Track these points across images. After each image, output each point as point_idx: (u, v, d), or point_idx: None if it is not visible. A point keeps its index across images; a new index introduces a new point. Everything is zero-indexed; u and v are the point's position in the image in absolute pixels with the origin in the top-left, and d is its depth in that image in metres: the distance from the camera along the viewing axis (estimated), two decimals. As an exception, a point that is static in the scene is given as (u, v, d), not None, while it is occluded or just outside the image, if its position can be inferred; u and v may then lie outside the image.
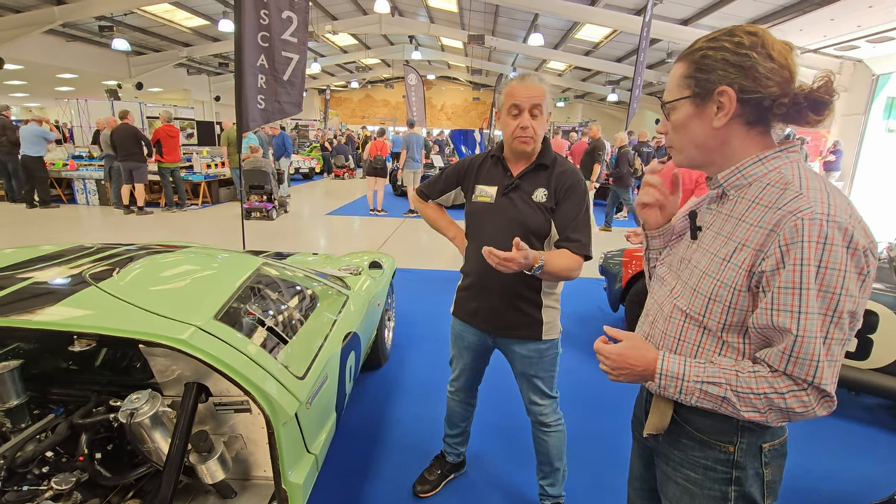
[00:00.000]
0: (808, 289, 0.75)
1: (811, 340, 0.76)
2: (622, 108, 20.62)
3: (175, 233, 7.05)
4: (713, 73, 0.84)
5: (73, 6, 10.46)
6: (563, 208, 1.58)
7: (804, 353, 0.77)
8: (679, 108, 0.90)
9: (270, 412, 1.34)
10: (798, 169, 0.84)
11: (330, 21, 14.36)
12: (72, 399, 1.53)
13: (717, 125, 0.86)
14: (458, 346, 1.87)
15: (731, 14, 9.02)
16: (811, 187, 0.79)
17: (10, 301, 1.29)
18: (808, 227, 0.75)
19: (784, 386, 0.79)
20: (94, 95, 14.06)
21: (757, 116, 0.85)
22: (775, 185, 0.83)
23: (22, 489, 1.22)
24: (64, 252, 1.79)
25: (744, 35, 0.82)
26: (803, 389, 0.78)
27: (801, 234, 0.75)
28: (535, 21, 12.25)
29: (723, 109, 0.85)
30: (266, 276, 1.92)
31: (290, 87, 4.97)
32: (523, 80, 1.52)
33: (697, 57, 0.86)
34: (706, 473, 0.94)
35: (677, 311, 0.95)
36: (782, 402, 0.79)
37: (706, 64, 0.85)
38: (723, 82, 0.83)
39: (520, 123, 1.52)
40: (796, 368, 0.78)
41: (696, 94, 0.87)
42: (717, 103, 0.85)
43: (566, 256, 1.52)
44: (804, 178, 0.82)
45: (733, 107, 0.84)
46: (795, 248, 0.76)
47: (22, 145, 8.22)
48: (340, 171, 15.30)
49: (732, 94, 0.83)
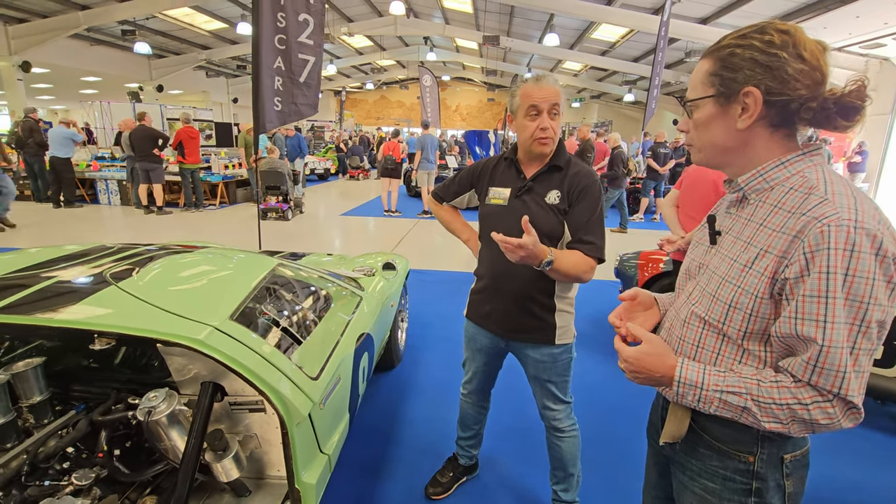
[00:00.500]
0: (834, 297, 0.73)
1: (837, 351, 0.73)
2: (639, 108, 20.38)
3: (193, 233, 7.17)
4: (740, 73, 0.81)
5: (98, 11, 10.75)
6: (576, 210, 1.56)
7: (830, 364, 0.74)
8: (702, 106, 0.87)
9: (284, 412, 1.35)
10: (822, 172, 0.81)
11: (346, 23, 14.48)
12: (92, 396, 1.56)
13: (741, 127, 0.84)
14: (471, 348, 1.87)
15: (752, 12, 8.85)
16: (837, 192, 0.77)
17: (35, 300, 1.32)
18: (835, 234, 0.72)
19: (808, 397, 0.76)
20: (117, 98, 14.42)
21: (782, 119, 0.82)
22: (798, 189, 0.80)
23: (44, 484, 1.25)
24: (86, 252, 1.83)
25: (775, 33, 0.79)
26: (828, 401, 0.76)
27: (828, 241, 0.73)
28: (550, 21, 12.19)
29: (747, 111, 0.82)
30: (281, 276, 1.94)
31: (306, 88, 5.02)
32: (539, 81, 1.50)
33: (725, 54, 0.83)
34: (725, 484, 0.92)
35: (695, 317, 0.93)
36: (806, 414, 0.77)
37: (733, 62, 0.81)
38: (749, 83, 0.80)
39: (539, 125, 1.51)
40: (822, 379, 0.75)
41: (721, 93, 0.84)
42: (741, 104, 0.82)
43: (577, 257, 1.51)
44: (829, 182, 0.79)
45: (758, 109, 0.81)
46: (821, 256, 0.73)
47: (51, 146, 8.46)
48: (355, 171, 15.41)
49: (758, 96, 0.80)
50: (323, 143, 18.83)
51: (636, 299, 1.08)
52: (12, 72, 10.89)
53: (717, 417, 0.87)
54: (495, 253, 1.66)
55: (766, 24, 0.81)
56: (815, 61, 0.78)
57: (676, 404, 0.94)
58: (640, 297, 1.09)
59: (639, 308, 1.09)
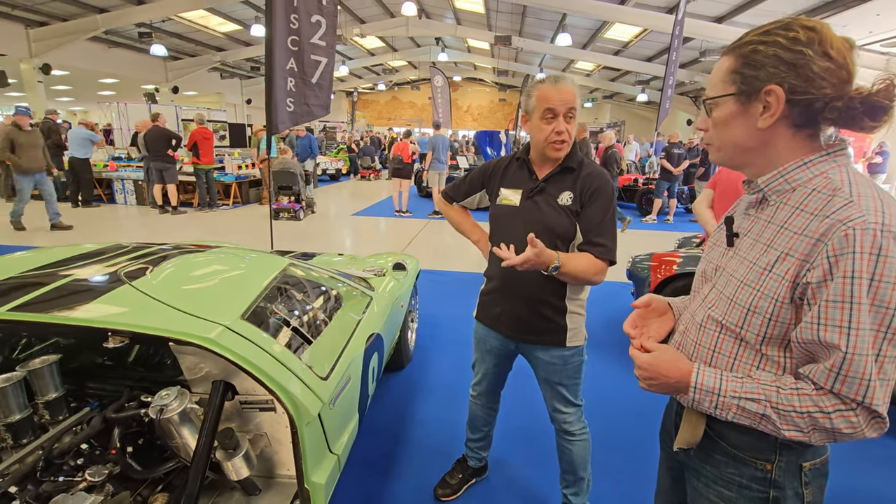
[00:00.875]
0: (859, 303, 0.70)
1: (862, 358, 0.71)
2: (652, 108, 20.17)
3: (207, 232, 7.26)
4: (762, 70, 0.78)
5: (115, 14, 10.96)
6: (588, 211, 1.54)
7: (854, 372, 0.72)
8: (722, 105, 0.85)
9: (294, 412, 1.35)
10: (847, 174, 0.78)
11: (358, 24, 14.56)
12: (106, 393, 1.58)
13: (762, 126, 0.81)
14: (481, 349, 1.85)
15: (769, 10, 8.71)
16: (862, 194, 0.74)
17: (50, 298, 1.34)
18: (861, 238, 0.70)
19: (830, 405, 0.74)
20: (134, 99, 14.68)
21: (806, 119, 0.79)
22: (822, 190, 0.78)
23: (58, 480, 1.27)
24: (102, 250, 1.86)
25: (801, 30, 0.76)
26: (852, 409, 0.73)
27: (853, 245, 0.70)
28: (562, 21, 12.13)
29: (769, 110, 0.79)
30: (292, 276, 1.95)
31: (318, 89, 5.05)
32: (557, 82, 1.48)
33: (747, 51, 0.80)
34: (741, 492, 0.89)
35: (711, 321, 0.90)
36: (828, 423, 0.74)
37: (756, 59, 0.79)
38: (772, 81, 0.77)
39: (555, 128, 1.49)
40: (844, 387, 0.73)
41: (742, 91, 0.81)
42: (763, 103, 0.80)
43: (587, 259, 1.49)
44: (854, 183, 0.76)
45: (781, 108, 0.78)
46: (846, 260, 0.71)
47: (70, 147, 8.63)
48: (366, 172, 15.48)
49: (781, 95, 0.77)
50: (335, 143, 18.96)
51: (650, 306, 1.06)
52: (33, 74, 11.15)
53: (733, 424, 0.85)
54: None
55: (791, 21, 0.78)
56: (841, 59, 0.75)
57: (691, 410, 0.92)
58: (655, 304, 1.07)
59: (653, 314, 1.07)
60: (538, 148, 1.58)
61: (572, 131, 1.52)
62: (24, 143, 6.48)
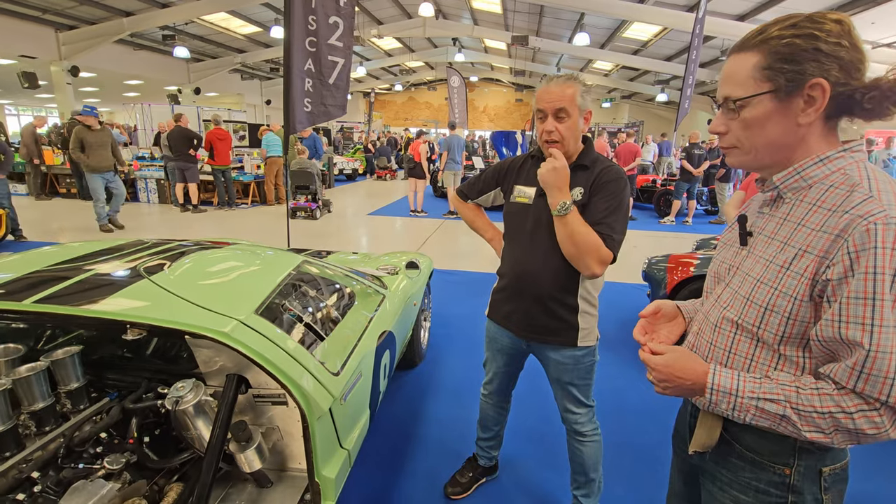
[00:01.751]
0: (882, 299, 0.69)
1: (886, 356, 0.69)
2: (671, 108, 19.86)
3: (226, 230, 7.39)
4: (805, 64, 0.75)
5: (140, 17, 11.24)
6: (594, 201, 1.52)
7: (878, 370, 0.70)
8: (756, 104, 0.80)
9: (305, 406, 1.37)
10: (865, 169, 0.77)
11: (376, 25, 14.66)
12: (125, 385, 1.63)
13: (804, 122, 0.79)
14: (492, 348, 1.85)
15: (792, 8, 8.45)
16: (882, 189, 0.73)
17: (73, 291, 1.39)
18: (882, 233, 0.69)
19: (853, 405, 0.72)
20: (157, 100, 15.02)
21: (838, 111, 0.78)
22: (840, 186, 0.76)
23: (78, 466, 1.31)
24: (124, 246, 1.91)
25: (830, 22, 0.75)
26: (875, 409, 0.71)
27: (875, 240, 0.69)
28: (580, 20, 12.02)
29: (813, 104, 0.77)
30: (306, 273, 1.98)
31: (335, 90, 5.11)
32: (549, 83, 1.51)
33: (780, 46, 0.77)
34: (758, 497, 0.87)
35: (727, 321, 0.89)
36: (850, 423, 0.72)
37: (794, 54, 0.76)
38: (816, 74, 0.75)
39: (545, 127, 1.52)
40: (868, 386, 0.71)
41: (782, 87, 0.78)
42: (805, 98, 0.77)
43: (593, 235, 1.45)
44: (873, 178, 0.75)
45: (825, 101, 0.76)
46: (867, 255, 0.69)
47: None
48: (383, 172, 15.57)
49: (827, 88, 0.75)
50: (352, 143, 19.13)
51: (658, 313, 1.05)
52: (62, 76, 11.50)
53: (750, 427, 0.83)
54: (518, 252, 1.65)
55: (815, 14, 0.77)
56: (864, 50, 0.76)
57: (707, 412, 0.90)
58: (663, 310, 1.06)
59: (662, 320, 1.06)
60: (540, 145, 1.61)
61: (564, 130, 1.50)
62: (94, 142, 6.59)
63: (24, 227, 6.51)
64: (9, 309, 1.30)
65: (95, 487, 1.20)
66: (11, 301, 1.30)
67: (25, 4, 9.96)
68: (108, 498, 1.19)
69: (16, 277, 1.46)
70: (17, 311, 1.30)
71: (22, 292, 1.34)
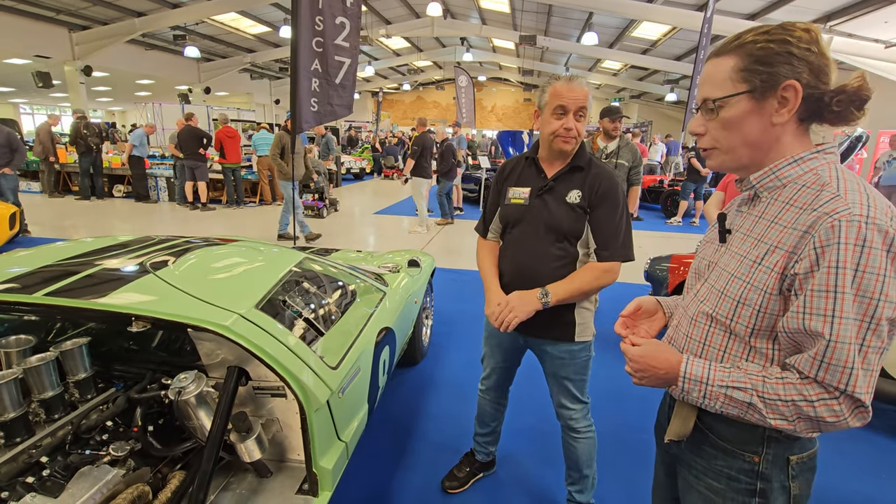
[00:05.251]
0: (843, 293, 0.72)
1: (845, 346, 0.73)
2: (681, 108, 19.71)
3: (234, 228, 7.48)
4: (779, 67, 0.80)
5: (152, 17, 11.40)
6: (598, 214, 1.58)
7: (837, 359, 0.73)
8: (733, 104, 0.84)
9: (303, 398, 1.41)
10: (835, 170, 0.81)
11: (384, 25, 14.72)
12: (131, 375, 1.68)
13: (777, 122, 0.83)
14: (490, 344, 1.88)
15: (805, 7, 8.42)
16: (850, 189, 0.76)
17: (82, 285, 1.44)
18: (846, 229, 0.72)
19: (815, 394, 0.76)
20: (168, 99, 15.20)
21: (810, 113, 0.82)
22: (811, 186, 0.80)
23: (84, 453, 1.37)
24: (132, 242, 1.97)
25: (800, 31, 0.80)
26: (835, 398, 0.75)
27: (838, 236, 0.72)
28: (589, 20, 11.98)
29: (786, 105, 0.81)
30: (307, 270, 2.02)
31: (341, 90, 5.16)
32: (570, 81, 1.51)
33: (755, 49, 0.81)
34: (729, 483, 0.91)
35: (702, 315, 0.93)
36: (812, 411, 0.76)
37: (769, 57, 0.80)
38: (789, 76, 0.80)
39: (564, 124, 1.52)
40: (828, 375, 0.74)
41: (757, 87, 0.82)
42: (778, 98, 0.81)
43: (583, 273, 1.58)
44: (842, 179, 0.79)
45: (798, 102, 0.80)
46: (831, 251, 0.73)
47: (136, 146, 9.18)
48: (390, 171, 15.63)
49: (799, 89, 0.79)
50: (360, 142, 19.23)
51: (639, 310, 1.10)
52: (75, 75, 11.69)
53: (722, 416, 0.87)
54: (517, 251, 1.67)
55: (786, 23, 0.82)
56: (829, 56, 0.80)
57: (682, 403, 0.94)
58: (644, 307, 1.10)
59: (643, 316, 1.11)
60: (546, 143, 1.60)
61: (581, 129, 1.54)
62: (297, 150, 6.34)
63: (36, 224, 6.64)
64: (21, 301, 1.36)
65: (101, 473, 1.25)
66: (23, 294, 1.36)
67: (40, 5, 10.15)
68: (112, 483, 1.24)
69: (28, 271, 1.52)
70: (29, 303, 1.36)
71: (33, 286, 1.40)
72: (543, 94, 1.57)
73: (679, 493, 1.04)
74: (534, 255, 1.62)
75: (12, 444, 1.27)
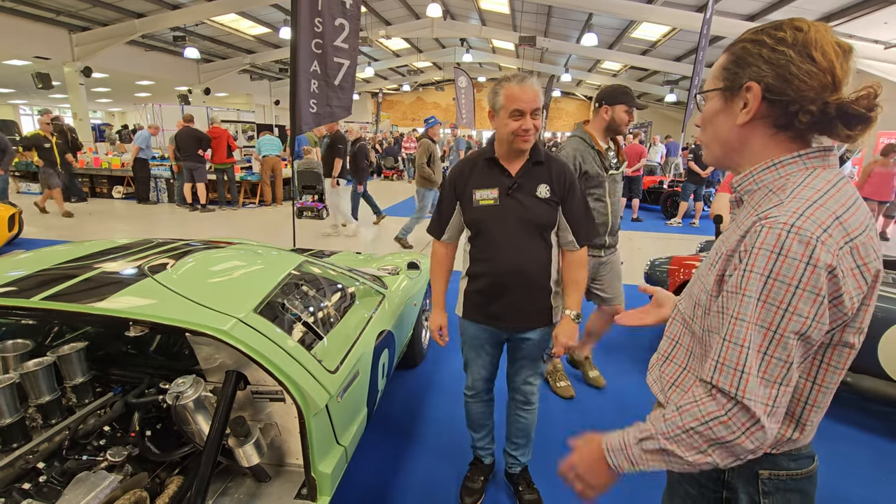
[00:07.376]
0: (744, 294, 0.71)
1: (737, 348, 0.71)
2: (681, 109, 19.71)
3: (233, 230, 7.47)
4: (747, 68, 0.79)
5: (152, 18, 11.40)
6: (569, 206, 1.69)
7: (729, 360, 0.72)
8: (711, 99, 0.86)
9: (302, 402, 1.41)
10: (808, 177, 0.76)
11: (384, 26, 14.72)
12: (128, 380, 1.68)
13: (740, 122, 0.82)
14: (473, 346, 1.88)
15: (804, 8, 8.42)
16: (798, 196, 0.73)
17: (80, 289, 1.43)
18: (766, 235, 0.70)
19: (708, 413, 0.73)
20: (168, 101, 15.19)
21: (786, 121, 0.79)
22: (776, 192, 0.78)
23: (81, 458, 1.36)
24: (130, 245, 1.96)
25: (789, 30, 0.75)
26: (727, 411, 0.71)
27: (756, 241, 0.71)
28: (588, 21, 11.99)
29: (746, 106, 0.80)
30: (306, 273, 2.01)
31: (340, 91, 5.15)
32: (523, 82, 1.55)
33: (738, 49, 0.82)
34: (701, 490, 0.91)
35: (679, 313, 0.96)
36: (710, 433, 0.72)
37: (743, 57, 0.80)
38: (752, 78, 0.78)
39: (522, 125, 1.56)
40: (721, 377, 0.72)
41: (727, 87, 0.83)
42: (743, 99, 0.80)
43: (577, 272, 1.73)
44: (801, 185, 0.75)
45: (756, 105, 0.79)
46: (749, 255, 0.72)
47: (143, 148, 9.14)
48: (389, 172, 15.62)
49: (757, 92, 0.77)
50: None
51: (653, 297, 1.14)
52: (75, 76, 11.70)
53: None
54: (497, 251, 1.69)
55: (783, 22, 0.78)
56: (826, 63, 0.73)
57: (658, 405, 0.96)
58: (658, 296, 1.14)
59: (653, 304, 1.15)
60: (505, 142, 1.63)
61: (538, 125, 1.61)
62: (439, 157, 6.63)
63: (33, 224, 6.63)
64: (18, 305, 1.35)
65: (98, 479, 1.24)
66: (20, 298, 1.35)
67: (40, 6, 10.15)
68: (110, 489, 1.23)
69: (26, 275, 1.52)
70: (26, 307, 1.35)
71: (31, 290, 1.39)
72: (497, 96, 1.59)
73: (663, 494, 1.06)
74: (519, 250, 1.67)
75: (9, 449, 1.27)
